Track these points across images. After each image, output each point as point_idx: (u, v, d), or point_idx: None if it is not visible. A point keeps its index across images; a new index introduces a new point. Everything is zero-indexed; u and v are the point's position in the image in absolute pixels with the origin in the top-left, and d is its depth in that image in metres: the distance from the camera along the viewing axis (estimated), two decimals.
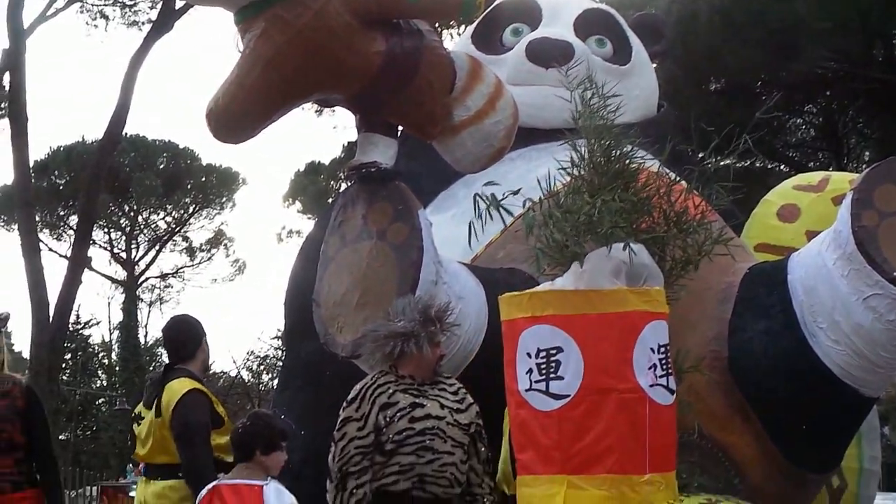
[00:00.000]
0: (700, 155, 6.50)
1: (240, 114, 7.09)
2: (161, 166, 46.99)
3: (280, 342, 37.69)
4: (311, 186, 41.92)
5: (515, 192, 6.63)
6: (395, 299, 6.91)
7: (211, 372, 43.50)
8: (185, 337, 7.93)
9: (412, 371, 6.79)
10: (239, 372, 40.86)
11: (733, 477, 8.03)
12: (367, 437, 6.57)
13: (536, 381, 5.32)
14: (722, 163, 6.39)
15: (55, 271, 43.86)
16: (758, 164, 25.13)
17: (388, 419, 6.61)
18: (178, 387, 7.62)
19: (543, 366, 5.30)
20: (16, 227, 31.94)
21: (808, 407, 7.83)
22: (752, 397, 7.97)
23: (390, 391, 6.68)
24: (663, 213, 6.14)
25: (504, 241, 8.05)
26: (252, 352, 43.32)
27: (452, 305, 7.31)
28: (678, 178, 6.50)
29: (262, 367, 43.45)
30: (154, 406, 7.52)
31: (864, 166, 21.82)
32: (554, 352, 5.30)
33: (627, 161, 6.14)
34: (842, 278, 7.44)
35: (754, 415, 8.00)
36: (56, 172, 44.95)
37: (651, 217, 6.09)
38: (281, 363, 16.95)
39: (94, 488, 21.17)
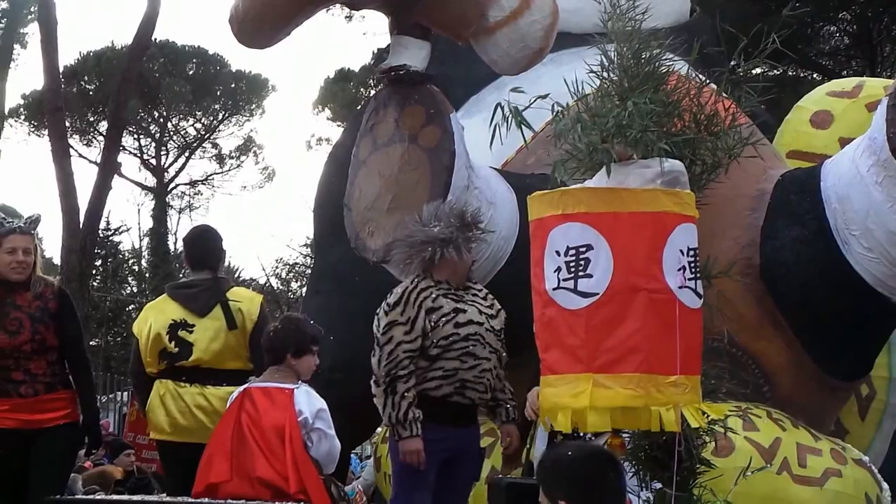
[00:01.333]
0: (732, 63, 6.41)
1: (260, 18, 7.04)
2: (190, 72, 46.74)
3: (309, 249, 37.78)
4: (340, 94, 41.69)
5: (543, 97, 6.57)
6: (426, 204, 6.88)
7: (240, 279, 43.75)
8: (216, 245, 7.97)
9: (447, 276, 6.78)
10: (268, 279, 41.08)
11: (763, 384, 8.03)
12: (414, 341, 6.60)
13: (564, 280, 5.26)
14: (751, 65, 6.31)
15: (85, 177, 43.92)
16: (790, 73, 24.90)
17: (433, 324, 6.63)
18: (250, 297, 7.81)
19: (572, 264, 5.24)
20: (46, 132, 31.89)
21: (839, 315, 7.81)
22: (784, 304, 7.95)
23: (433, 295, 6.68)
24: (693, 116, 6.08)
25: (535, 146, 8.00)
26: (281, 259, 43.52)
27: (484, 211, 7.29)
28: (708, 82, 6.44)
29: (291, 275, 43.67)
30: (224, 314, 7.57)
31: None
32: (583, 249, 5.23)
33: (657, 64, 6.07)
34: (876, 185, 7.38)
35: (785, 322, 7.98)
36: (86, 78, 44.82)
37: (682, 120, 6.03)
38: (310, 270, 17.00)
39: (125, 393, 21.36)
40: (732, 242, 7.97)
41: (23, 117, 44.42)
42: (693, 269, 5.36)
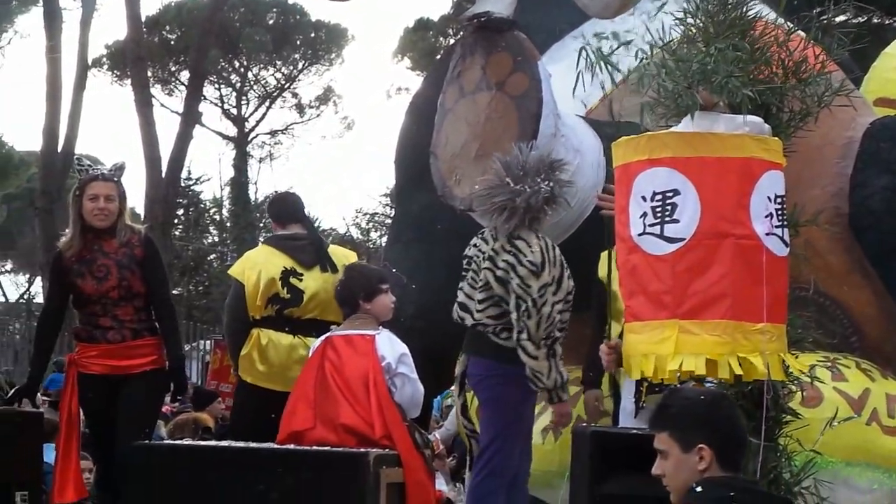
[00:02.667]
0: (817, 10, 6.33)
1: None
2: (270, 22, 46.84)
3: (389, 199, 37.83)
4: (420, 42, 41.66)
5: (627, 44, 6.52)
6: (520, 152, 6.82)
7: (320, 229, 43.89)
8: (301, 204, 8.12)
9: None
10: (348, 229, 41.26)
11: (850, 334, 7.97)
12: (562, 300, 6.70)
13: (651, 225, 5.22)
14: (838, 10, 6.23)
15: (167, 127, 44.23)
16: (875, 20, 24.51)
17: (567, 279, 6.67)
18: (350, 254, 8.03)
19: (658, 209, 5.19)
20: (129, 82, 32.13)
21: None
22: (873, 254, 7.86)
23: (559, 251, 6.70)
24: (781, 62, 6.00)
25: (620, 94, 7.94)
26: (361, 209, 43.64)
27: (570, 159, 7.27)
28: (796, 28, 6.36)
29: (370, 224, 43.80)
30: (329, 266, 7.71)
31: None
32: (670, 194, 5.18)
33: (744, 9, 6.00)
34: None
35: (874, 271, 7.90)
36: (167, 28, 45.05)
37: (769, 67, 5.95)
38: (391, 219, 17.00)
39: (207, 342, 21.62)
40: (821, 191, 7.88)
41: (105, 67, 44.74)
42: (780, 217, 5.30)
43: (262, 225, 42.90)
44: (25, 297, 46.55)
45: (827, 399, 7.11)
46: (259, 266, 7.68)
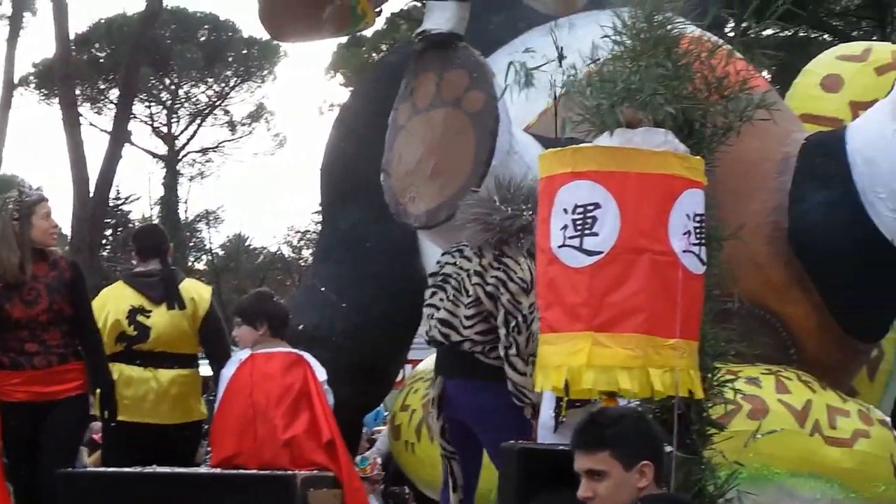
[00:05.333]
0: (743, 25, 6.39)
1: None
2: (202, 39, 46.53)
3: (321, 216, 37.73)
4: (353, 59, 41.62)
5: (562, 59, 6.54)
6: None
7: (251, 248, 43.70)
8: (163, 237, 8.24)
9: None
10: (279, 247, 41.13)
11: (789, 346, 8.03)
12: None
13: (570, 237, 5.26)
14: (763, 25, 6.30)
15: (96, 146, 43.70)
16: (800, 34, 24.78)
17: None
18: (202, 288, 8.14)
19: (579, 222, 5.24)
20: (56, 100, 31.87)
21: (865, 277, 7.80)
22: (811, 268, 7.93)
23: None
24: (704, 78, 6.06)
25: (561, 111, 7.97)
26: (293, 227, 43.50)
27: (522, 175, 7.30)
28: (721, 44, 6.41)
29: (302, 243, 43.64)
30: (176, 301, 7.77)
31: None
32: (591, 208, 5.23)
33: (669, 27, 6.05)
34: None
35: (813, 285, 7.97)
36: (97, 45, 44.63)
37: (692, 83, 6.01)
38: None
39: None
40: (761, 206, 7.94)
41: (33, 85, 44.32)
42: (698, 235, 5.37)
43: (191, 244, 42.67)
44: None
45: (773, 411, 7.20)
46: (108, 306, 7.75)
